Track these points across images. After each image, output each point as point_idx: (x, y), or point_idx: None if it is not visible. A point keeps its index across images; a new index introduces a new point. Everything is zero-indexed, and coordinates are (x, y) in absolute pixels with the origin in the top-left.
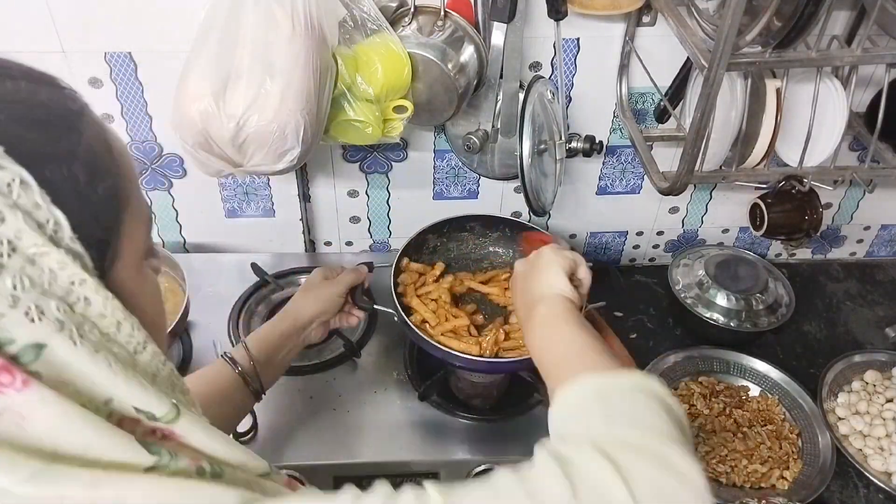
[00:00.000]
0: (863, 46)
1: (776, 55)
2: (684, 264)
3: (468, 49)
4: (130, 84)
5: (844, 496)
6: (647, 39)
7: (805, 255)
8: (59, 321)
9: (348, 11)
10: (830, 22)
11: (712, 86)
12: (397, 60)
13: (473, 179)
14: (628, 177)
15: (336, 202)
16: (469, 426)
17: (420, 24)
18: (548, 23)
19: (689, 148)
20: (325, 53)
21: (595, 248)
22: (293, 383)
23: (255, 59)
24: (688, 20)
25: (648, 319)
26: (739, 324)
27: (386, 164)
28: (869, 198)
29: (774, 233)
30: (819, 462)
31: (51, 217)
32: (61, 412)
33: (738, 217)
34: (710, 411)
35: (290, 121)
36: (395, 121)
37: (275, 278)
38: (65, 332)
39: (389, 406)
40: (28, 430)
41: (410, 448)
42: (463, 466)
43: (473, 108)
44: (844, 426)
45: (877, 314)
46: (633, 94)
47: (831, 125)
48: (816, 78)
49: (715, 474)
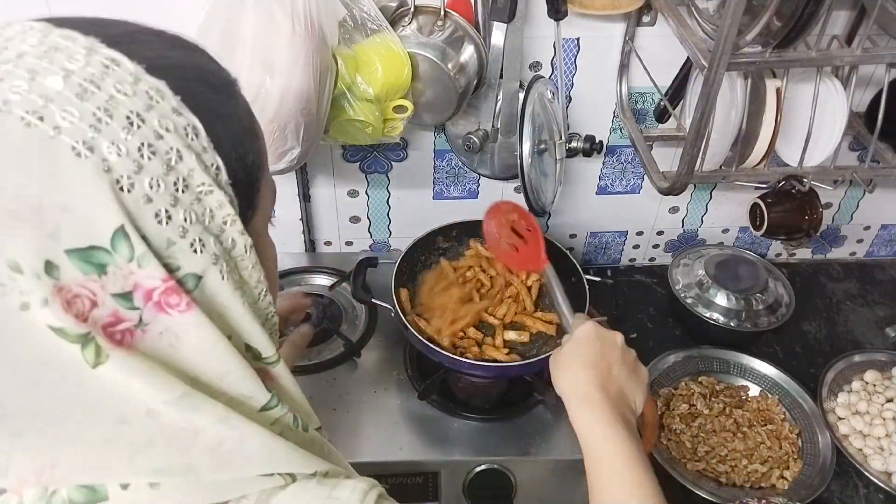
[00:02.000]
0: (863, 46)
1: (776, 55)
2: (684, 264)
3: (468, 49)
4: None
5: (844, 496)
6: (647, 39)
7: (805, 255)
8: (216, 255)
9: (348, 11)
10: (830, 22)
11: (712, 86)
12: (397, 60)
13: (473, 179)
14: (628, 177)
15: (336, 202)
16: (469, 426)
17: (420, 23)
18: (548, 23)
19: (689, 148)
20: (325, 53)
21: (595, 248)
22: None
23: (255, 59)
24: (688, 20)
25: (648, 319)
26: (739, 324)
27: (386, 164)
28: (869, 198)
29: (774, 233)
30: (819, 462)
31: (215, 161)
32: (211, 338)
33: (738, 217)
34: (710, 411)
35: (290, 121)
36: (395, 121)
37: None
38: (218, 266)
39: (389, 406)
40: (180, 351)
41: (410, 448)
42: (463, 466)
43: (473, 108)
44: (844, 426)
45: (877, 314)
46: (633, 94)
47: (831, 125)
48: (816, 78)
49: (715, 474)
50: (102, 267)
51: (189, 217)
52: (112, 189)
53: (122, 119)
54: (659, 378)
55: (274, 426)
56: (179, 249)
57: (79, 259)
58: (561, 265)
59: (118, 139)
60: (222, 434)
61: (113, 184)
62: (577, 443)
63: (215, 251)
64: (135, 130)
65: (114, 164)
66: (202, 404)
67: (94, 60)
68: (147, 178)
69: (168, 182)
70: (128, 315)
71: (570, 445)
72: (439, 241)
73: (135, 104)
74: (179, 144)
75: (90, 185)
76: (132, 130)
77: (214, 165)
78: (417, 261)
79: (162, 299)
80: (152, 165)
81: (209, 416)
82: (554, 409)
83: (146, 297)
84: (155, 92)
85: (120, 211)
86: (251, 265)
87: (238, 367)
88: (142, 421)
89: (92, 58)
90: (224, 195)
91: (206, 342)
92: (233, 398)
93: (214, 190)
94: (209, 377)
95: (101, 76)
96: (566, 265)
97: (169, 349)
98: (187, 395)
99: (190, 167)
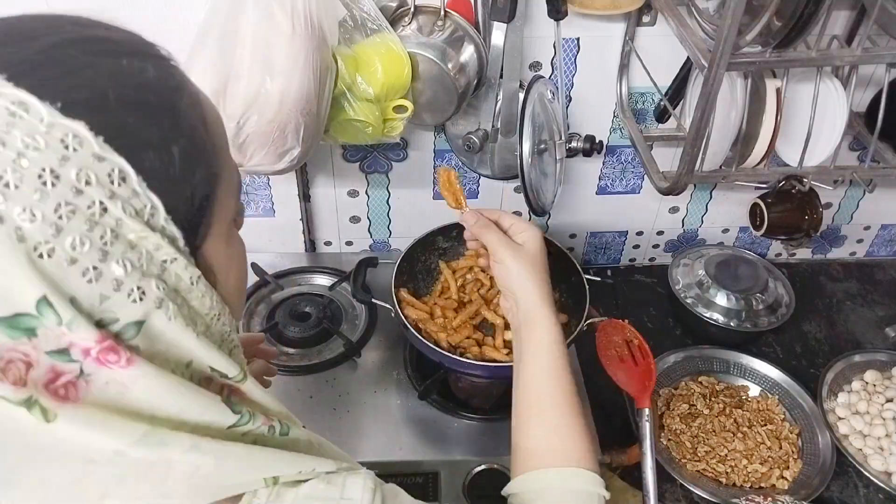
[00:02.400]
0: (863, 46)
1: (776, 55)
2: (684, 264)
3: (468, 49)
4: None
5: (844, 496)
6: (647, 39)
7: (805, 255)
8: (159, 298)
9: (348, 11)
10: (830, 22)
11: (712, 86)
12: (397, 60)
13: (473, 179)
14: (628, 177)
15: (336, 202)
16: (469, 426)
17: (420, 23)
18: (548, 23)
19: (689, 148)
20: (325, 53)
21: (595, 248)
22: (293, 383)
23: (255, 59)
24: (688, 20)
25: (648, 319)
26: (739, 323)
27: (386, 164)
28: (869, 198)
29: (774, 233)
30: (819, 462)
31: (148, 203)
32: (159, 382)
33: (738, 217)
34: (710, 411)
35: (290, 121)
36: (395, 121)
37: (275, 278)
38: (162, 309)
39: (389, 406)
40: (130, 396)
41: (410, 448)
42: (463, 466)
43: (473, 108)
44: (844, 426)
45: (877, 314)
46: (633, 94)
47: (831, 125)
48: (816, 78)
49: (715, 474)
50: (32, 330)
51: (123, 267)
52: (28, 259)
53: (34, 179)
54: (659, 378)
55: (246, 437)
56: (115, 303)
57: (5, 326)
58: (561, 265)
59: (30, 203)
60: (196, 461)
61: (29, 252)
62: None
63: (158, 294)
64: (49, 190)
65: (28, 232)
66: (167, 438)
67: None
68: (68, 239)
69: (94, 238)
70: (67, 368)
71: None
72: (439, 241)
73: (47, 159)
74: (103, 195)
75: (5, 258)
76: (46, 191)
77: (148, 206)
78: (417, 261)
79: (100, 357)
80: (73, 225)
81: (178, 448)
82: None
83: (84, 353)
84: (72, 138)
85: (40, 280)
86: (202, 293)
87: (196, 400)
88: (110, 460)
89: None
90: (161, 237)
91: (155, 388)
92: (198, 425)
93: (148, 234)
94: (167, 413)
95: (7, 128)
96: (566, 265)
97: (118, 396)
98: (149, 433)
99: (117, 217)
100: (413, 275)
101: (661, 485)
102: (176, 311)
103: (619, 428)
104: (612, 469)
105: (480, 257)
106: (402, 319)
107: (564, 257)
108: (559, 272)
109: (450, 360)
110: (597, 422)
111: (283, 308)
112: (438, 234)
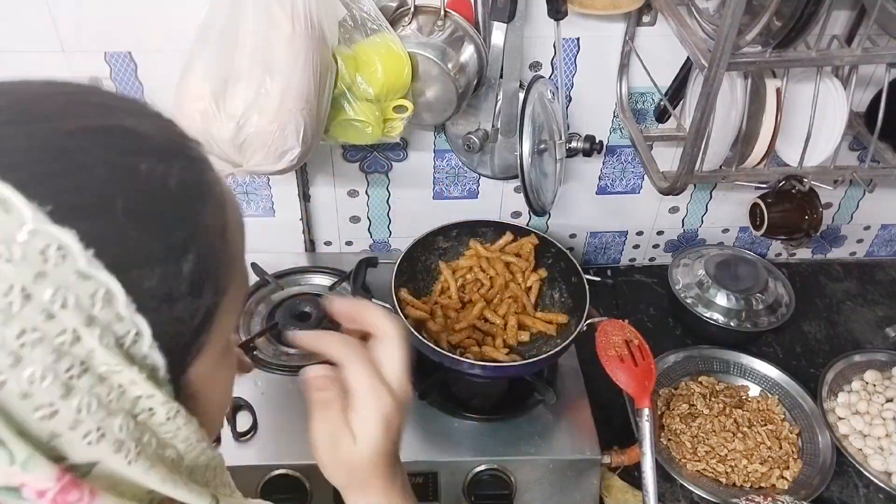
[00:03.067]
0: (863, 46)
1: (776, 55)
2: (684, 264)
3: (468, 49)
4: (130, 84)
5: (844, 496)
6: (647, 39)
7: (805, 255)
8: (119, 441)
9: (348, 11)
10: (830, 22)
11: (712, 85)
12: (397, 60)
13: (473, 179)
14: (628, 177)
15: (336, 202)
16: (469, 426)
17: (420, 23)
18: (548, 23)
19: (689, 148)
20: (325, 53)
21: (595, 248)
22: (293, 383)
23: (255, 59)
24: (688, 20)
25: (648, 319)
26: (739, 323)
27: (386, 164)
28: (869, 197)
29: (774, 232)
30: (819, 462)
31: (132, 328)
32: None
33: (738, 217)
34: (710, 411)
35: (290, 121)
36: (395, 121)
37: (275, 278)
38: (121, 453)
39: None
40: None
41: (410, 448)
42: (463, 466)
43: (473, 108)
44: (844, 426)
45: (877, 314)
46: (633, 94)
47: (831, 125)
48: (816, 78)
49: (715, 474)
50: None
51: (86, 405)
52: None
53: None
54: (659, 378)
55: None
56: (66, 441)
57: None
58: (561, 265)
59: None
60: None
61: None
62: (577, 443)
63: (118, 437)
64: (14, 313)
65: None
66: None
67: None
68: (27, 371)
69: (58, 370)
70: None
71: (569, 445)
72: (439, 241)
73: (20, 274)
74: (78, 321)
75: None
76: (10, 313)
77: (132, 332)
78: (417, 261)
79: (59, 498)
80: (36, 354)
81: None
82: (554, 409)
83: (38, 495)
84: (54, 251)
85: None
86: (177, 427)
87: None
88: None
89: None
90: (138, 370)
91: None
92: None
93: (123, 369)
94: None
95: None
96: (566, 265)
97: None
98: None
99: (90, 348)
100: (413, 275)
101: (661, 485)
102: (137, 455)
103: (619, 428)
104: (612, 469)
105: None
106: (403, 319)
107: (564, 257)
108: (559, 272)
109: (450, 360)
110: (597, 422)
111: (283, 308)
112: (438, 234)
